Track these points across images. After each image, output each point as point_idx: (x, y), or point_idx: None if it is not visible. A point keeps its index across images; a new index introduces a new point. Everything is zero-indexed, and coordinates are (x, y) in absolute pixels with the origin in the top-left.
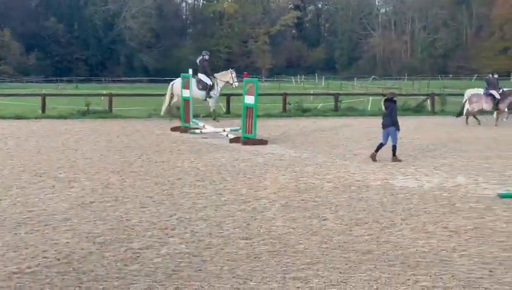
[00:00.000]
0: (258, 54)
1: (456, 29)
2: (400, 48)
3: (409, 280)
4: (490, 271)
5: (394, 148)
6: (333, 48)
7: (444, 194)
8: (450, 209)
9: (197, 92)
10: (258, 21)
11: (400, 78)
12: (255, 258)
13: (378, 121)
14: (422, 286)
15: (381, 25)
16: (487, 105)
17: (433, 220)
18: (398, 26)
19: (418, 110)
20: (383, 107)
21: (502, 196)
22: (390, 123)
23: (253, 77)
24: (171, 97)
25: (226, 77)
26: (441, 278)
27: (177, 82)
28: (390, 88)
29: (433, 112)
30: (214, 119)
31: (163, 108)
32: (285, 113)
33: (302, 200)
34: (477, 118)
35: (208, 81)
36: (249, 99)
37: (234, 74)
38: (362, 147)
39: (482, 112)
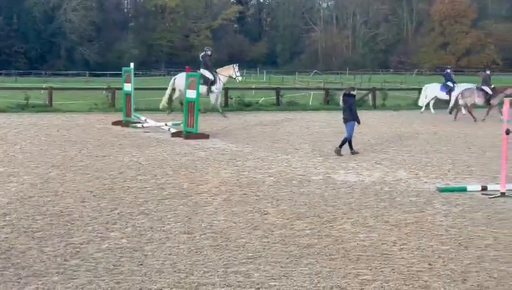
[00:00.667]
0: (200, 48)
1: (396, 25)
2: (341, 43)
3: (349, 273)
4: (429, 264)
5: (345, 140)
6: (275, 42)
7: (385, 189)
8: (390, 203)
9: (200, 88)
10: (200, 15)
11: (341, 73)
12: (196, 252)
13: (320, 115)
14: (362, 280)
15: (322, 20)
16: (479, 100)
17: (374, 214)
18: (339, 21)
19: (359, 104)
20: (341, 102)
21: (442, 190)
22: (351, 117)
23: (195, 71)
24: (173, 91)
25: (229, 72)
26: (381, 271)
27: (180, 76)
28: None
29: (374, 107)
30: (222, 114)
31: (163, 101)
32: (227, 107)
33: (244, 194)
34: (473, 115)
35: (210, 76)
36: (191, 94)
37: (237, 69)
38: (303, 141)
39: (474, 106)
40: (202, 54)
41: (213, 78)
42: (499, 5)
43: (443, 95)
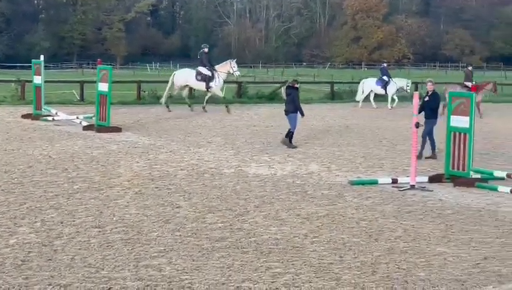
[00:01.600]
0: (112, 41)
1: (309, 18)
2: (254, 36)
3: (261, 266)
4: (340, 256)
5: (290, 132)
6: (188, 35)
7: (297, 182)
8: (302, 196)
9: (196, 83)
10: (112, 8)
11: (254, 66)
12: (107, 246)
13: (233, 108)
14: (274, 273)
15: (236, 13)
16: None
17: (286, 207)
18: (252, 15)
19: (272, 98)
20: (284, 95)
21: (353, 183)
22: (293, 109)
23: (107, 65)
24: (172, 86)
25: (226, 68)
26: (292, 264)
27: (179, 73)
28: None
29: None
30: (226, 108)
31: (164, 97)
32: (139, 100)
33: (156, 187)
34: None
35: (207, 73)
36: (103, 87)
37: (233, 64)
38: (216, 134)
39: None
40: (200, 51)
41: (211, 75)
42: (409, 0)
43: (379, 90)
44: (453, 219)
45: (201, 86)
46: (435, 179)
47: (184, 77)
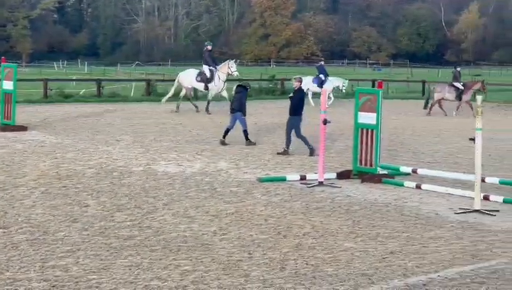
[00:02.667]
0: (17, 38)
1: (218, 16)
2: (163, 34)
3: (170, 264)
4: (249, 253)
5: (245, 132)
6: (96, 33)
7: (206, 179)
8: (211, 193)
9: (195, 83)
10: (17, 5)
11: (163, 64)
12: (12, 247)
13: (142, 106)
14: (183, 270)
15: (144, 11)
16: (449, 95)
17: (195, 205)
18: (161, 12)
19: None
20: (234, 93)
21: (261, 180)
22: (239, 108)
23: (12, 63)
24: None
25: (225, 68)
26: (201, 261)
27: (183, 74)
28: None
29: (196, 98)
30: (207, 111)
31: (166, 97)
32: (46, 99)
33: (63, 186)
34: (443, 109)
35: (207, 73)
36: (8, 85)
37: (231, 64)
38: (125, 132)
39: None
40: (204, 49)
41: (209, 76)
42: None
43: (315, 88)
44: (361, 215)
45: (200, 86)
46: (343, 175)
47: (189, 77)
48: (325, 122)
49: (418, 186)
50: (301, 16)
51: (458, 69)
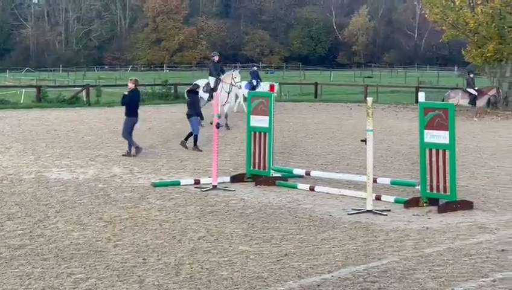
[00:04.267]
0: None
1: (110, 21)
2: (54, 39)
3: (62, 273)
4: (144, 259)
5: (194, 137)
6: None
7: (100, 185)
8: (105, 200)
9: (202, 94)
10: None
11: (54, 70)
12: None
13: (32, 113)
14: (76, 278)
15: (34, 16)
16: (463, 101)
17: (88, 212)
18: (51, 17)
19: (73, 102)
20: (187, 98)
21: (156, 185)
22: (194, 113)
23: None
24: None
25: (229, 79)
26: (95, 269)
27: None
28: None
29: (89, 104)
30: (226, 126)
31: None
32: None
33: None
34: None
35: (212, 84)
36: None
37: (235, 74)
38: (15, 140)
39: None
40: (211, 59)
41: (212, 87)
42: (210, 2)
43: (246, 93)
44: (255, 218)
45: (205, 96)
46: (236, 178)
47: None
48: (217, 126)
49: (312, 189)
50: (194, 20)
51: (471, 75)
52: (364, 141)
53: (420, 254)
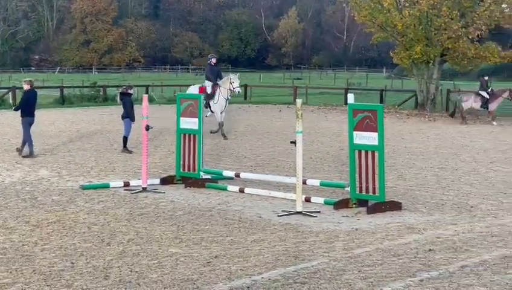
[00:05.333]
0: None
1: (37, 22)
2: None
3: None
4: (72, 262)
5: (124, 138)
6: None
7: (26, 188)
8: (32, 203)
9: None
10: None
11: None
12: None
13: None
14: (1, 284)
15: None
16: (476, 104)
17: (15, 215)
18: None
19: None
20: (119, 100)
21: (84, 188)
22: (126, 114)
23: None
24: None
25: (227, 84)
26: (22, 273)
27: (189, 89)
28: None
29: (15, 106)
30: (224, 137)
31: None
32: None
33: None
34: (465, 118)
35: (208, 90)
36: None
37: (234, 79)
38: None
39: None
40: (208, 62)
41: (209, 92)
42: (139, 4)
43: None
44: (185, 220)
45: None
46: (166, 180)
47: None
48: (147, 128)
49: (241, 190)
50: (123, 22)
51: (486, 78)
52: (293, 142)
53: (349, 255)
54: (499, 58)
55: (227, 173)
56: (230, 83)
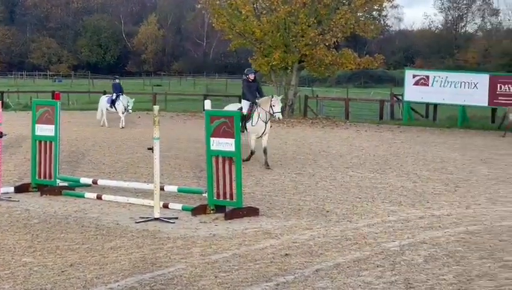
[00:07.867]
0: None
1: None
2: None
3: None
4: None
5: None
6: None
7: None
8: None
9: None
10: None
11: None
12: None
13: None
14: None
15: None
16: None
17: None
18: None
19: None
20: None
21: None
22: None
23: None
24: None
25: (267, 105)
26: None
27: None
28: None
29: None
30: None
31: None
32: None
33: None
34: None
35: (245, 109)
36: None
37: (275, 101)
38: None
39: None
40: (244, 77)
41: (245, 112)
42: None
43: (108, 107)
44: (40, 228)
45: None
46: (21, 188)
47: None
48: (0, 135)
49: (99, 197)
50: None
51: None
52: (151, 149)
53: (207, 261)
54: (355, 64)
55: (85, 180)
56: (271, 106)
